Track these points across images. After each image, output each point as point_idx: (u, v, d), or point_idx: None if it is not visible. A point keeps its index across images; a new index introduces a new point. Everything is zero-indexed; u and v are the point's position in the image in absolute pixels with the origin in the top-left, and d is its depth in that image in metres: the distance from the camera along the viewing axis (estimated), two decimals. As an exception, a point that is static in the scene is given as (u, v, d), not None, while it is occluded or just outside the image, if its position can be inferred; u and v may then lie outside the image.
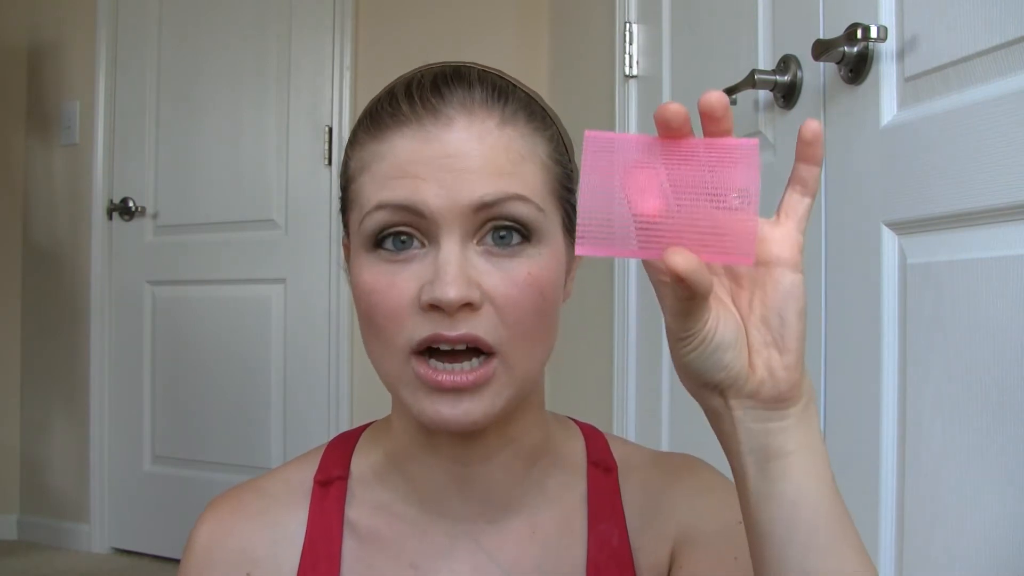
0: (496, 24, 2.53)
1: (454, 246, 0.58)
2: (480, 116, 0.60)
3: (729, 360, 0.48)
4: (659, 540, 0.68)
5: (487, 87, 0.61)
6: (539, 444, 0.69)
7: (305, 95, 2.71)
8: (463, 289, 0.56)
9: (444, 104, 0.60)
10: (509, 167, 0.59)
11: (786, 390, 0.48)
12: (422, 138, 0.59)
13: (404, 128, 0.60)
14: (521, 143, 0.61)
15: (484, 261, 0.59)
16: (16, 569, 2.75)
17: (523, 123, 0.62)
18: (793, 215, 0.50)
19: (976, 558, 0.91)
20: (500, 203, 0.58)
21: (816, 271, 1.18)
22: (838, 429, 1.14)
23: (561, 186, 0.64)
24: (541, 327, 0.60)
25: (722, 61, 1.45)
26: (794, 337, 0.48)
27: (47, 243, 3.08)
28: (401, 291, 0.59)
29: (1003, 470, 0.89)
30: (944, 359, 0.97)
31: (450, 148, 0.58)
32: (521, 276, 0.59)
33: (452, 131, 0.59)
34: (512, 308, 0.58)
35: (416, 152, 0.59)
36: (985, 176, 0.91)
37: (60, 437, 3.03)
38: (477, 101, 0.60)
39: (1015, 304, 0.87)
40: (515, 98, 0.62)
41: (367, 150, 0.62)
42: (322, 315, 2.67)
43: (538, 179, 0.61)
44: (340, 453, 0.71)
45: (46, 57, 3.09)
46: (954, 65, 0.97)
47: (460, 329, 0.57)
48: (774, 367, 0.48)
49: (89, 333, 2.94)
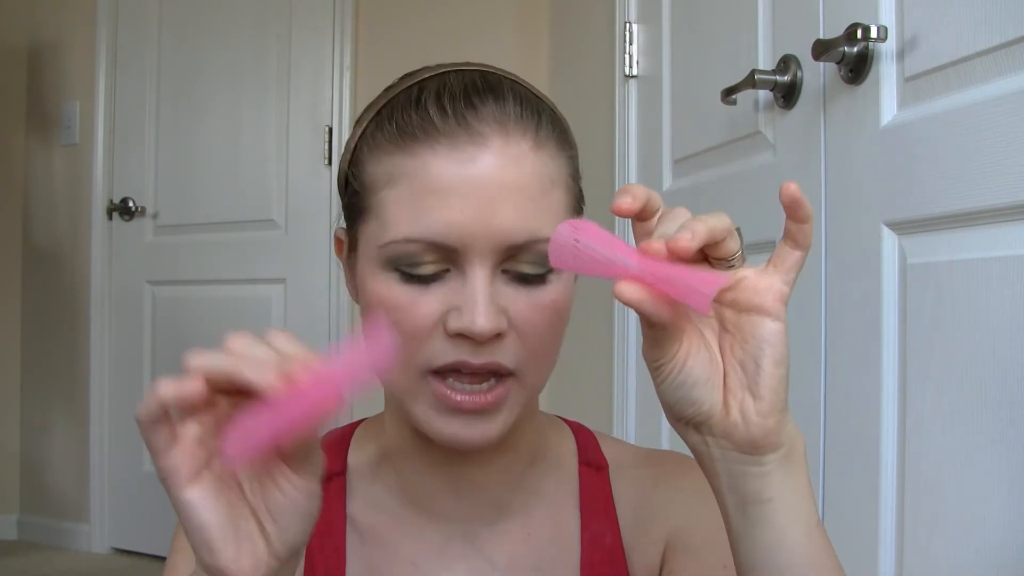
0: (496, 24, 2.53)
1: (484, 275, 0.57)
2: (515, 137, 0.59)
3: (699, 396, 0.48)
4: (651, 540, 0.68)
5: (519, 101, 0.60)
6: (534, 447, 0.69)
7: (305, 95, 2.71)
8: (494, 321, 0.56)
9: (478, 120, 0.58)
10: (541, 198, 0.59)
11: (760, 436, 0.48)
12: (456, 159, 0.57)
13: (435, 145, 0.58)
14: (552, 166, 0.60)
15: (510, 288, 0.58)
16: (16, 569, 2.75)
17: (554, 145, 0.61)
18: (782, 266, 0.50)
19: (977, 558, 0.91)
20: (529, 245, 0.58)
21: (816, 271, 1.18)
22: (838, 429, 1.14)
23: (578, 204, 0.64)
24: (556, 346, 0.61)
25: (722, 61, 1.45)
26: (769, 385, 0.47)
27: (47, 243, 3.08)
28: (425, 313, 0.58)
29: (1003, 470, 0.89)
30: (944, 359, 0.97)
31: (485, 173, 0.57)
32: (546, 303, 0.59)
33: (487, 152, 0.58)
34: (536, 334, 0.59)
35: (448, 174, 0.57)
36: (985, 176, 0.91)
37: (60, 437, 3.03)
38: (511, 117, 0.59)
39: (1015, 304, 0.87)
40: (545, 115, 0.62)
41: (394, 162, 0.59)
42: (322, 315, 2.67)
43: (563, 205, 0.61)
44: (336, 449, 0.71)
45: (46, 57, 3.09)
46: (954, 65, 0.97)
47: (484, 357, 0.57)
48: (748, 411, 0.48)
49: (89, 333, 2.94)
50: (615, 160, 1.85)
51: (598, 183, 1.89)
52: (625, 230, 1.88)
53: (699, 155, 1.56)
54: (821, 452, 1.16)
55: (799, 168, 1.22)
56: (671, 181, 1.67)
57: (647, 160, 1.77)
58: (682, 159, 1.63)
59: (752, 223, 1.36)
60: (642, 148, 1.80)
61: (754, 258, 0.49)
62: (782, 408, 0.48)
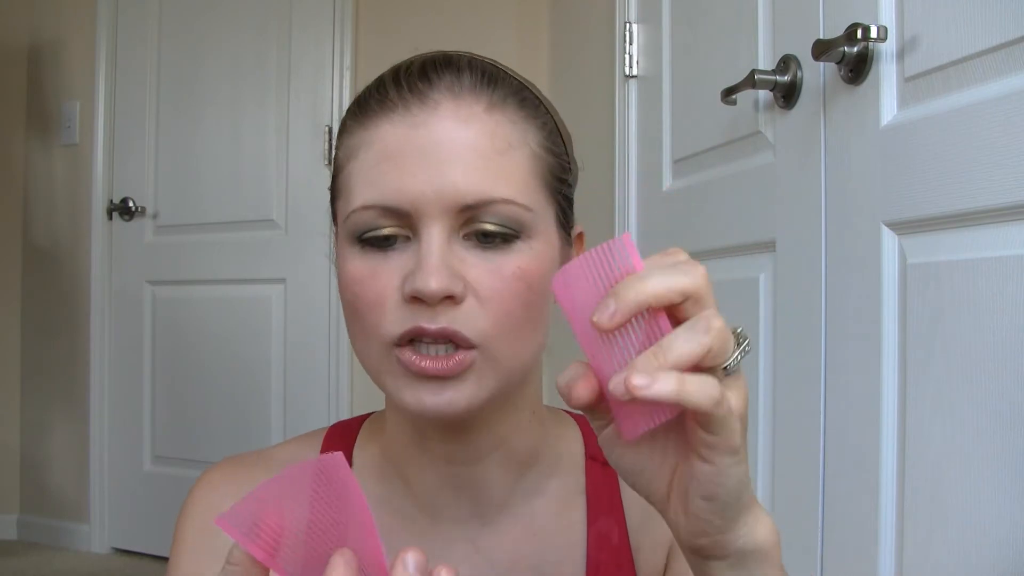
0: (496, 24, 2.53)
1: (437, 238, 0.57)
2: (467, 101, 0.59)
3: (637, 483, 0.48)
4: (658, 543, 0.67)
5: (476, 72, 0.60)
6: (533, 444, 0.68)
7: (305, 95, 2.71)
8: (444, 280, 0.55)
9: (431, 89, 0.59)
10: (495, 156, 0.58)
11: (694, 546, 0.47)
12: (408, 123, 0.58)
13: (391, 114, 0.59)
14: (510, 129, 0.59)
15: (470, 254, 0.57)
16: (16, 569, 2.75)
17: (513, 109, 0.60)
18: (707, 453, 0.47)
19: (977, 558, 0.91)
20: (484, 207, 0.57)
21: (816, 271, 1.18)
22: (838, 429, 1.14)
23: (555, 178, 0.62)
24: (528, 320, 0.59)
25: (722, 61, 1.45)
26: (697, 514, 0.46)
27: (47, 243, 3.08)
28: (384, 282, 0.58)
29: (1003, 470, 0.89)
30: (944, 359, 0.97)
31: (435, 134, 0.57)
32: (509, 270, 0.58)
33: (437, 115, 0.58)
34: (497, 301, 0.57)
35: (401, 139, 0.58)
36: (985, 176, 0.91)
37: (60, 437, 3.03)
38: (465, 86, 0.59)
39: (1015, 304, 0.87)
40: (505, 84, 0.61)
41: (354, 137, 0.61)
42: (322, 315, 2.67)
43: (525, 170, 0.59)
44: (342, 445, 0.71)
45: (46, 57, 3.09)
46: (954, 65, 0.97)
47: (440, 322, 0.56)
48: (678, 524, 0.47)
49: (89, 333, 2.94)
50: (615, 160, 1.85)
51: (598, 183, 1.89)
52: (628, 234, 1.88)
53: (699, 155, 1.56)
54: (821, 452, 1.16)
55: (799, 168, 1.22)
56: (671, 181, 1.67)
57: (647, 160, 1.77)
58: (682, 159, 1.63)
59: (752, 223, 1.36)
60: (642, 148, 1.80)
61: (754, 258, 0.49)
62: (719, 531, 0.46)
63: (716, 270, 1.48)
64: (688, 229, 1.58)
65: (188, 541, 0.67)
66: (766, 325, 1.31)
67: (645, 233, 1.76)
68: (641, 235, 1.77)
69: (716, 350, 0.42)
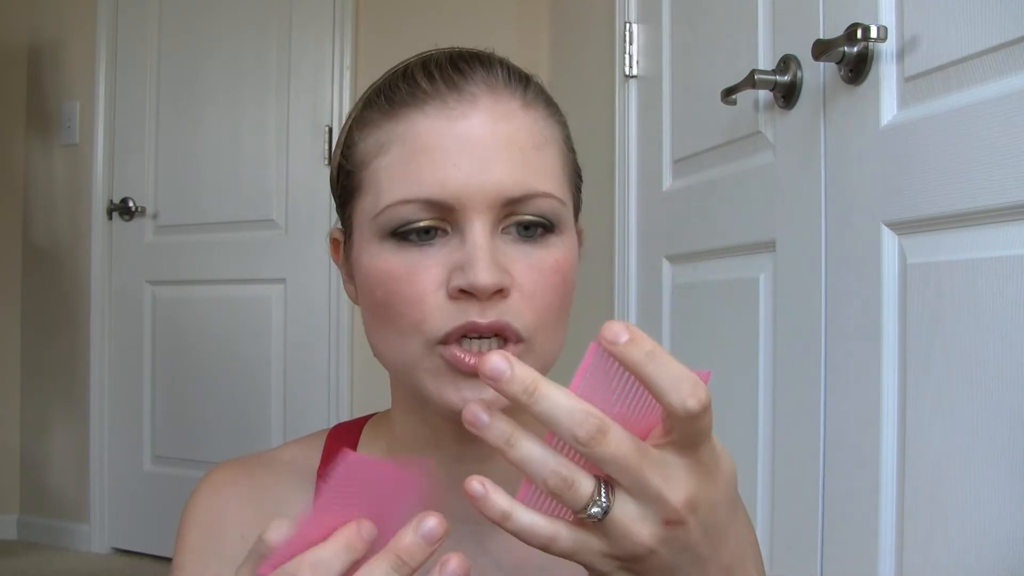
0: (496, 24, 2.53)
1: (483, 231, 0.56)
2: (504, 96, 0.59)
3: None
4: None
5: (507, 69, 0.60)
6: None
7: (305, 95, 2.71)
8: (496, 274, 0.55)
9: (466, 82, 0.58)
10: (534, 152, 0.58)
11: None
12: (446, 116, 0.57)
13: (425, 106, 0.57)
14: (544, 125, 0.60)
15: (511, 248, 0.57)
16: (16, 569, 2.75)
17: (543, 107, 0.61)
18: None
19: (977, 558, 0.91)
20: (526, 200, 0.57)
21: (816, 271, 1.18)
22: (838, 429, 1.14)
23: (575, 174, 0.63)
24: (564, 312, 0.60)
25: (722, 61, 1.45)
26: None
27: (47, 243, 3.09)
28: (425, 278, 0.56)
29: (1003, 470, 0.89)
30: (944, 359, 0.97)
31: (476, 128, 0.57)
32: (548, 264, 0.58)
33: (477, 109, 0.57)
34: (540, 294, 0.57)
35: (440, 132, 0.57)
36: (985, 176, 0.91)
37: (60, 437, 3.03)
38: (500, 81, 0.59)
39: (1015, 304, 0.87)
40: (534, 82, 0.62)
41: (383, 130, 0.59)
42: (322, 315, 2.67)
43: (558, 165, 0.60)
44: (345, 446, 0.71)
45: (46, 57, 3.09)
46: (954, 65, 0.97)
47: (490, 316, 0.55)
48: None
49: (89, 333, 2.94)
50: (615, 160, 1.85)
51: (598, 183, 1.89)
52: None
53: (699, 155, 1.56)
54: (821, 452, 1.16)
55: (799, 168, 1.22)
56: (671, 181, 1.67)
57: (647, 160, 1.77)
58: (682, 159, 1.63)
59: (752, 223, 1.36)
60: (642, 148, 1.80)
61: (754, 258, 0.49)
62: None
63: (716, 270, 1.48)
64: (688, 229, 1.58)
65: (191, 543, 0.66)
66: (766, 325, 1.31)
67: (645, 233, 1.76)
68: (641, 235, 1.77)
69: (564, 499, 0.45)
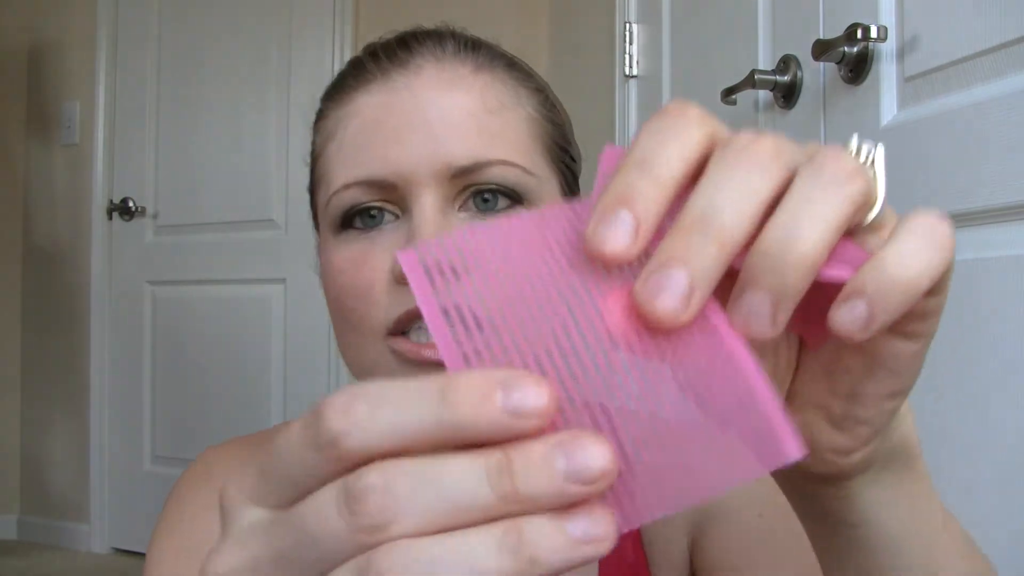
0: (496, 24, 2.52)
1: (430, 207, 0.50)
2: (452, 64, 0.54)
3: None
4: (673, 537, 0.62)
5: (459, 39, 0.56)
6: None
7: (305, 95, 2.71)
8: None
9: (412, 56, 0.54)
10: (487, 116, 0.52)
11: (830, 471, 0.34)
12: (388, 90, 0.53)
13: (370, 86, 0.54)
14: (500, 88, 0.54)
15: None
16: (16, 569, 2.75)
17: (502, 71, 0.56)
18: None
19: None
20: (479, 169, 0.51)
21: (816, 271, 1.18)
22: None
23: (557, 146, 0.57)
24: None
25: (722, 61, 1.45)
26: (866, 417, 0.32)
27: (47, 243, 3.09)
28: (373, 267, 0.51)
29: (1003, 470, 0.89)
30: (944, 359, 0.97)
31: (419, 98, 0.52)
32: None
33: (420, 79, 0.53)
34: None
35: (382, 107, 0.52)
36: (985, 176, 0.91)
37: (60, 437, 3.03)
38: (449, 51, 0.55)
39: (1015, 304, 0.87)
40: (490, 48, 0.57)
41: (331, 118, 0.56)
42: (322, 315, 2.64)
43: (522, 132, 0.54)
44: None
45: (46, 57, 3.09)
46: (954, 65, 0.97)
47: None
48: (819, 444, 0.33)
49: (89, 333, 2.94)
50: (615, 160, 1.85)
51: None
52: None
53: (699, 155, 1.56)
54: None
55: (799, 168, 1.22)
56: (671, 181, 1.67)
57: (647, 160, 1.77)
58: (682, 159, 1.63)
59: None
60: (642, 148, 1.80)
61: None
62: (879, 438, 0.33)
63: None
64: (688, 229, 1.57)
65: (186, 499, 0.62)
66: (766, 325, 1.30)
67: (645, 233, 1.76)
68: (641, 235, 1.77)
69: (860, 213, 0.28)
